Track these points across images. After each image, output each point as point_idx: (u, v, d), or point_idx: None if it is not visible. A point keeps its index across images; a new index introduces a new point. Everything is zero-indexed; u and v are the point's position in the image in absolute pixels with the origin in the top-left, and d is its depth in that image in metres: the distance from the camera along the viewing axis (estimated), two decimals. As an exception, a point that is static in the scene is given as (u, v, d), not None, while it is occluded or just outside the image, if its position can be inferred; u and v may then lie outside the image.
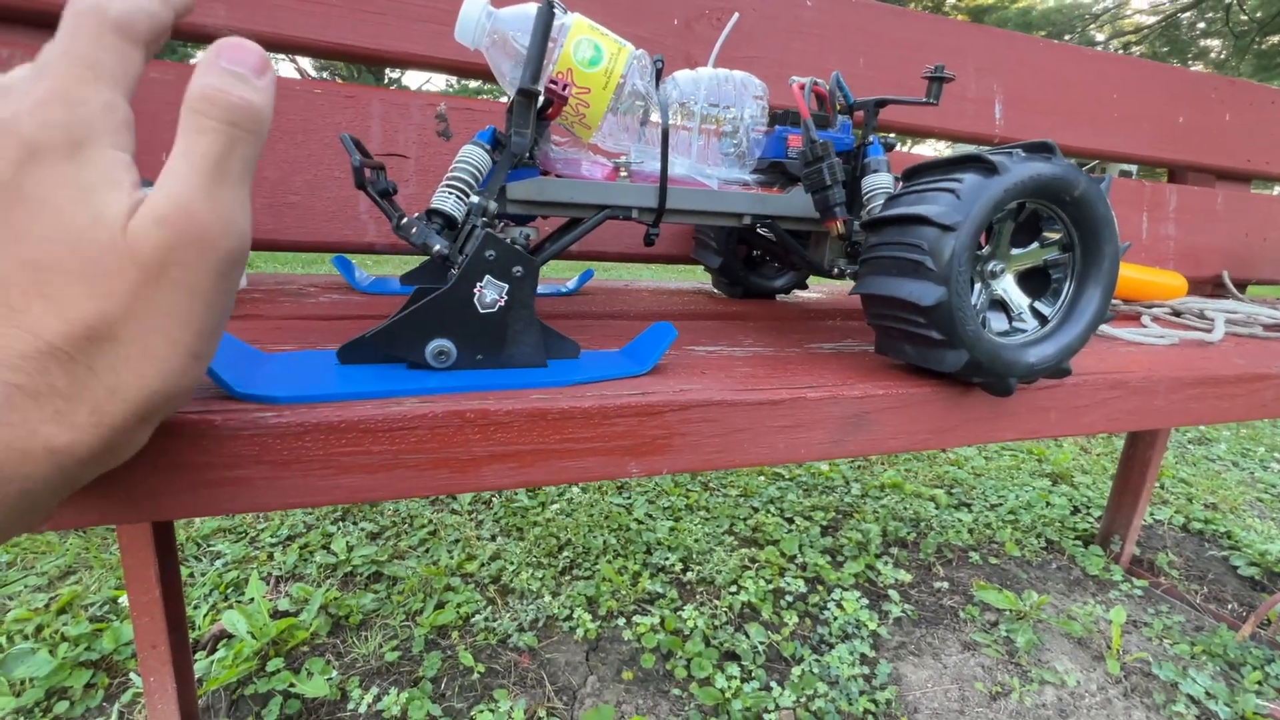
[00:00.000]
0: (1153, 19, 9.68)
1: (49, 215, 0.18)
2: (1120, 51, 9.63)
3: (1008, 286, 0.39)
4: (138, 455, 0.24)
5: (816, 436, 0.35)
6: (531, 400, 0.30)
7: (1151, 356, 0.52)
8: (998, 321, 0.39)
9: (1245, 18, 8.54)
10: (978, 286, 0.38)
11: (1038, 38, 0.89)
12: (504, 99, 0.51)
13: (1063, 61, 0.90)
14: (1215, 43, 9.55)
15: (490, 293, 0.32)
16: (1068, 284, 0.38)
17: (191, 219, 0.19)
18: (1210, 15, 9.01)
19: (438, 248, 0.34)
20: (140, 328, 0.19)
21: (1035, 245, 0.39)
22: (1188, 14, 9.14)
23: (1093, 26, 9.87)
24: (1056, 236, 0.38)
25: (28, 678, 0.79)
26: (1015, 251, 0.39)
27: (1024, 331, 0.39)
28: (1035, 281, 0.40)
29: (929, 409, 0.38)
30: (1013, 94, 0.87)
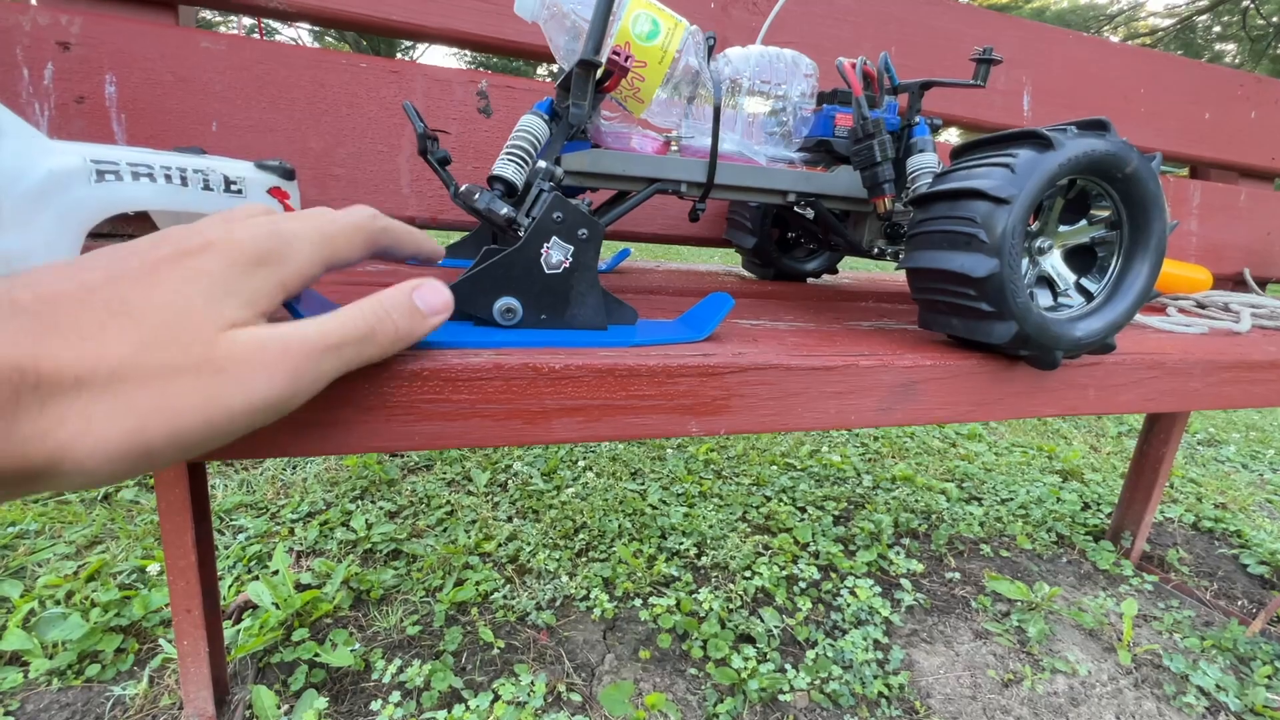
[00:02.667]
0: (1168, 21, 9.61)
1: (165, 282, 0.20)
2: (1134, 54, 9.56)
3: (1055, 263, 0.40)
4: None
5: (867, 403, 0.36)
6: (600, 357, 0.31)
7: (1185, 341, 0.53)
8: (1043, 297, 0.40)
9: (1262, 21, 8.47)
10: (1025, 262, 0.39)
11: (1068, 30, 0.89)
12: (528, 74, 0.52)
13: (1091, 55, 0.91)
14: (1230, 47, 9.48)
15: (556, 254, 0.33)
16: (1115, 260, 0.39)
17: (279, 358, 0.21)
18: (1226, 19, 8.94)
19: (504, 211, 0.34)
20: (119, 395, 0.19)
21: (1083, 222, 0.39)
22: (1203, 17, 9.07)
23: (1107, 28, 9.80)
24: (1104, 214, 0.39)
25: (61, 641, 0.81)
26: (1063, 228, 0.39)
27: (1069, 308, 0.40)
28: (1080, 259, 0.41)
29: (974, 381, 0.39)
30: (1041, 86, 0.87)
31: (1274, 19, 8.35)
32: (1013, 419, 0.41)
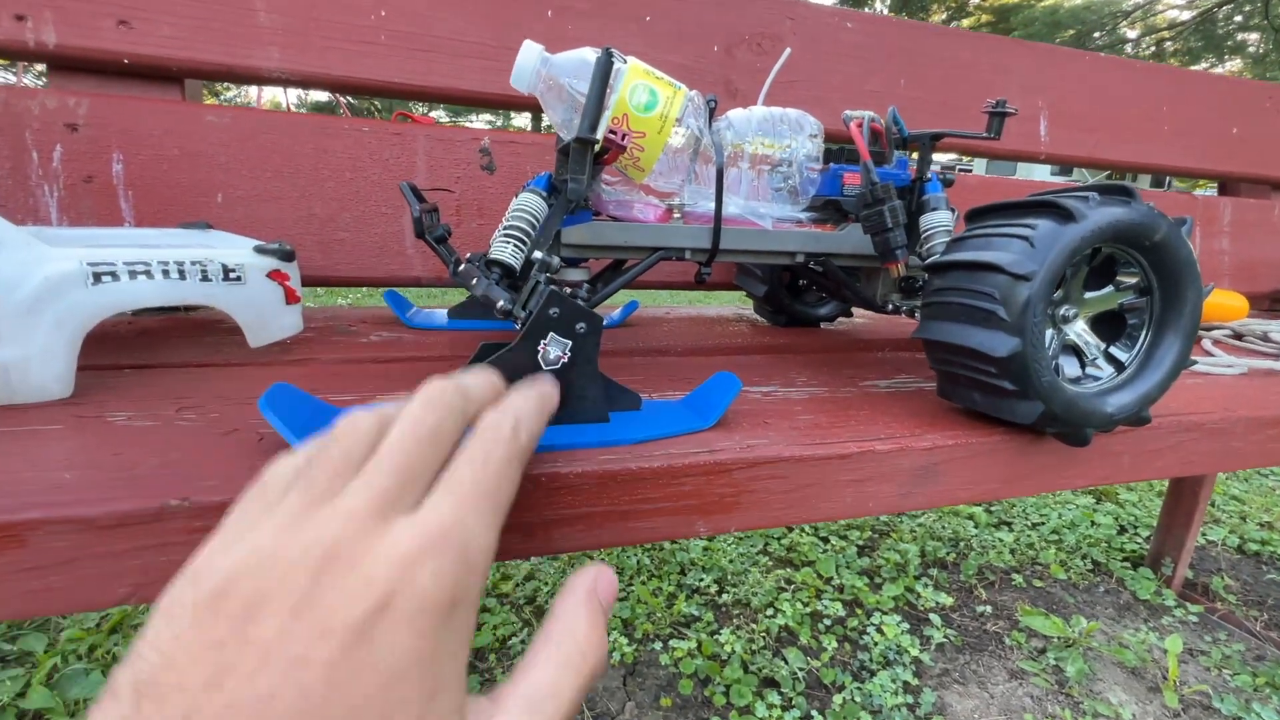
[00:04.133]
0: (1187, 14, 9.42)
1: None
2: (1153, 49, 9.40)
3: (1081, 331, 0.37)
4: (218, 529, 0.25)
5: (885, 490, 0.34)
6: (601, 462, 0.30)
7: (1223, 391, 0.50)
8: (1070, 366, 0.38)
9: (1286, 10, 8.26)
10: (1049, 332, 0.37)
11: (1083, 52, 0.87)
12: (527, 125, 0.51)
13: (1109, 75, 0.88)
14: (1253, 36, 9.26)
15: (554, 349, 0.32)
16: (1145, 330, 0.37)
17: None
18: (1248, 9, 8.74)
19: (501, 303, 0.33)
20: None
21: (1110, 289, 0.37)
22: (1224, 8, 8.88)
23: (1124, 24, 9.64)
24: (1133, 280, 0.37)
25: (83, 698, 0.81)
26: (1089, 295, 0.37)
27: (1098, 378, 0.37)
28: (1109, 324, 0.38)
29: (998, 459, 0.37)
30: (1058, 110, 0.85)
31: (1298, 7, 8.14)
32: (1042, 493, 0.39)
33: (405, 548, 0.17)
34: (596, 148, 0.39)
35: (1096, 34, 9.47)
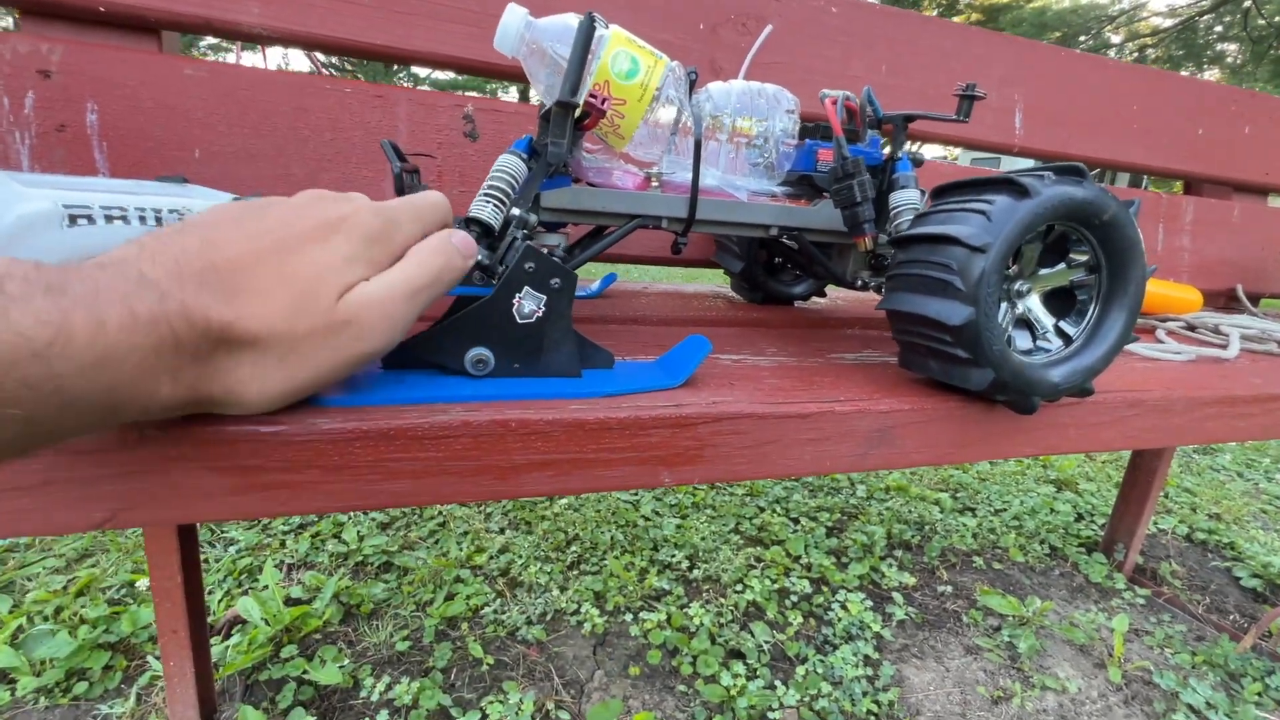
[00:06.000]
0: (1169, 22, 9.59)
1: (310, 254, 0.26)
2: (1136, 54, 9.56)
3: (1033, 305, 0.39)
4: (195, 458, 0.25)
5: (843, 450, 0.36)
6: (570, 410, 0.31)
7: (1168, 373, 0.53)
8: (1022, 340, 0.40)
9: (1263, 22, 8.45)
10: (1003, 305, 0.39)
11: (1060, 48, 0.89)
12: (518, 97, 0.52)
13: (1084, 71, 0.90)
14: (1232, 47, 9.47)
15: (529, 304, 0.33)
16: (1093, 305, 0.39)
17: (379, 313, 0.27)
18: (1228, 19, 8.92)
19: (479, 257, 0.34)
20: (278, 355, 0.24)
21: (1062, 266, 0.39)
22: (1205, 17, 9.05)
23: (1109, 29, 9.78)
24: (1083, 258, 0.39)
25: (48, 658, 0.81)
26: (1042, 271, 0.39)
27: (1048, 350, 0.39)
28: (1060, 301, 0.40)
29: (952, 424, 0.39)
30: (1033, 103, 0.87)
31: (1275, 19, 8.33)
32: (992, 460, 0.40)
33: (368, 294, 0.27)
34: (577, 112, 0.40)
35: (1082, 37, 9.59)
